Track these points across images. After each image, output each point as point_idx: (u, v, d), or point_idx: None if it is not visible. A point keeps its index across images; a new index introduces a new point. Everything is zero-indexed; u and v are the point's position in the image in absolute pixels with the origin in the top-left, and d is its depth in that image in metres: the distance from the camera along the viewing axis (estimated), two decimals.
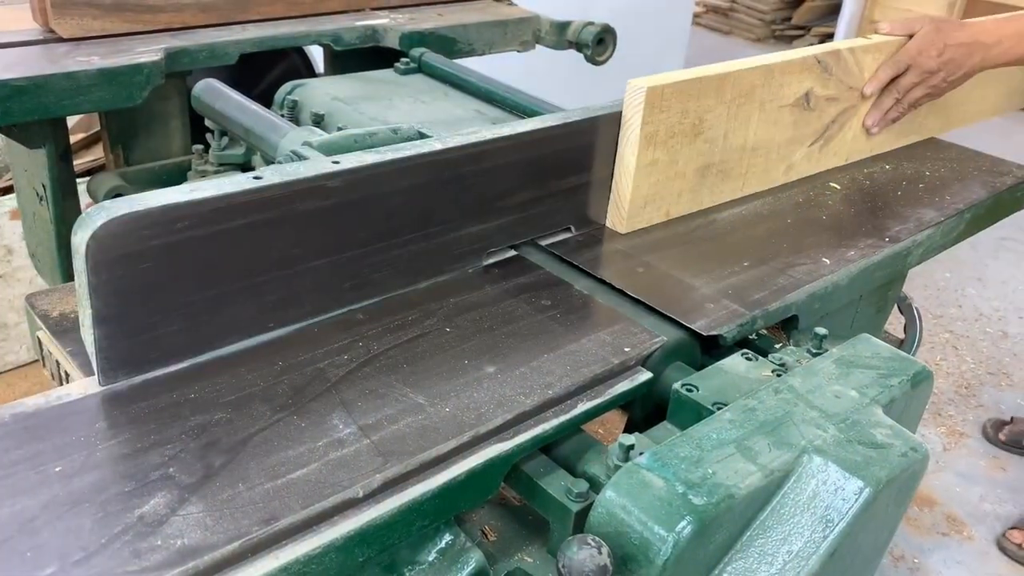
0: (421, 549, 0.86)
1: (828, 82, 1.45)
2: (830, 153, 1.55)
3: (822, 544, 0.80)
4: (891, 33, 1.57)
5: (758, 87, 1.33)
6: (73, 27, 1.54)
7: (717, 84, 1.27)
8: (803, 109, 1.43)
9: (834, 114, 1.50)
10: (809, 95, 1.42)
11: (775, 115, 1.39)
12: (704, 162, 1.32)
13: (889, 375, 0.96)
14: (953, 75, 1.55)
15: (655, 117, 1.21)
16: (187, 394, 0.88)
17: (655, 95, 1.19)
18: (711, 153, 1.32)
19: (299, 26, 1.75)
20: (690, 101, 1.24)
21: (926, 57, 1.53)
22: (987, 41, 1.53)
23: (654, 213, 1.30)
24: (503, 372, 0.95)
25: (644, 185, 1.26)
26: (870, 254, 1.29)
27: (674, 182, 1.30)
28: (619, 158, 1.24)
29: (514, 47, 2.02)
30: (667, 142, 1.25)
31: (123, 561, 0.68)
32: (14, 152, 1.69)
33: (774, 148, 1.42)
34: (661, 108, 1.21)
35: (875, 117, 1.59)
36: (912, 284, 1.75)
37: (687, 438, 0.84)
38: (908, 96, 1.57)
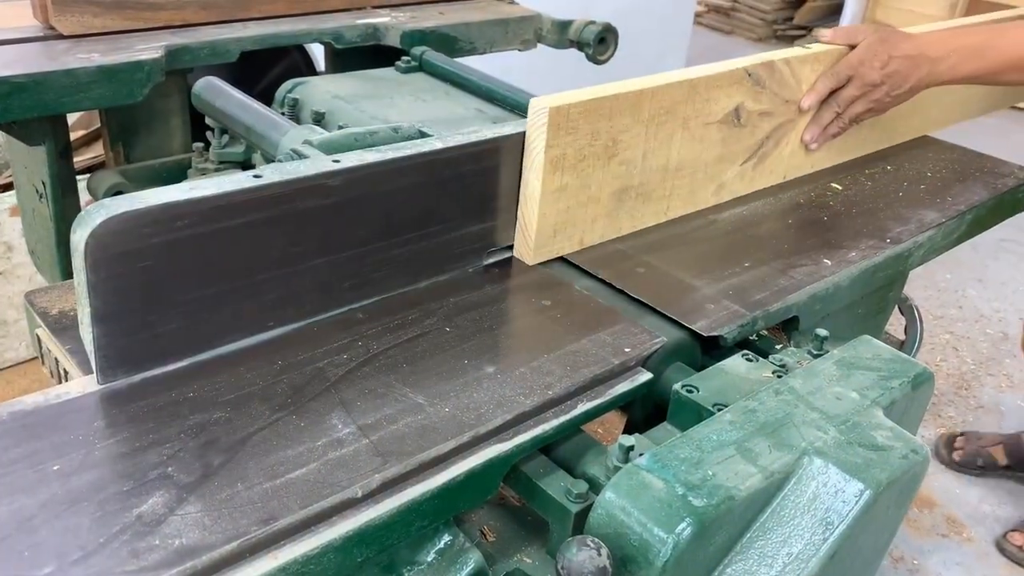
0: (420, 549, 0.86)
1: (761, 96, 1.34)
2: (766, 171, 1.45)
3: (822, 546, 0.80)
4: (832, 42, 1.46)
5: (680, 104, 1.22)
6: (73, 24, 1.53)
7: (633, 102, 1.16)
8: (733, 125, 1.32)
9: (768, 130, 1.40)
10: (739, 110, 1.32)
11: (701, 133, 1.28)
12: (621, 185, 1.21)
13: (890, 377, 0.96)
14: (897, 89, 1.43)
15: (561, 139, 1.10)
16: (186, 393, 0.88)
17: (560, 116, 1.09)
18: (629, 176, 1.22)
19: (300, 24, 1.75)
20: (601, 121, 1.14)
21: (869, 68, 1.41)
22: (933, 55, 1.41)
23: (565, 242, 1.19)
24: (503, 372, 0.95)
25: (552, 213, 1.15)
26: (871, 255, 1.29)
27: (587, 208, 1.19)
28: (524, 184, 1.14)
29: (515, 46, 2.02)
30: (577, 166, 1.14)
31: (121, 561, 0.68)
32: (14, 149, 1.69)
33: (701, 168, 1.32)
34: (568, 129, 1.11)
35: (814, 132, 1.48)
36: (913, 285, 1.75)
37: (687, 439, 0.84)
38: (849, 110, 1.46)
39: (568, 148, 1.12)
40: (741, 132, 1.35)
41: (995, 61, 1.43)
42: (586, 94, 1.12)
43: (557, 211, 1.16)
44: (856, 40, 1.44)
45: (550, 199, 1.14)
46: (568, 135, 1.11)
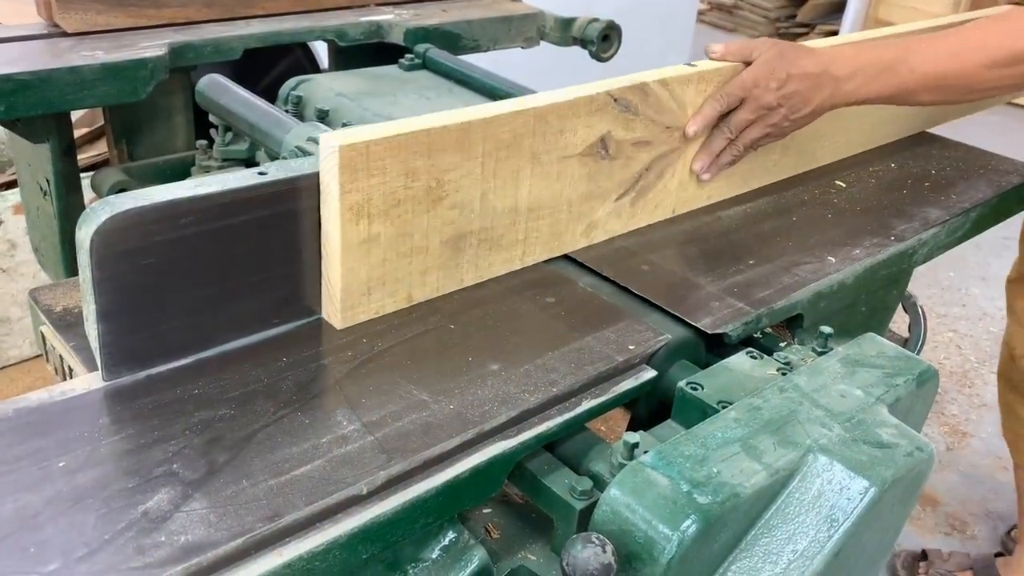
0: (425, 546, 0.86)
1: (633, 123, 1.18)
2: (649, 206, 1.28)
3: (827, 543, 0.80)
4: (723, 58, 1.28)
5: (525, 137, 1.06)
6: (77, 22, 1.53)
7: (459, 137, 1.00)
8: (601, 158, 1.16)
9: (647, 161, 1.23)
10: (607, 141, 1.15)
11: (558, 168, 1.12)
12: (456, 232, 1.04)
13: (894, 374, 0.96)
14: (797, 112, 1.25)
15: (362, 182, 0.94)
16: (191, 390, 0.88)
17: (356, 155, 0.92)
18: (465, 221, 1.05)
19: (304, 22, 1.75)
20: (418, 159, 0.97)
21: (763, 89, 1.23)
22: (839, 73, 1.24)
23: (387, 299, 1.02)
24: (507, 369, 0.95)
25: (362, 268, 0.98)
26: (875, 253, 1.29)
27: (413, 260, 1.02)
28: (324, 235, 0.97)
29: (519, 43, 2.01)
30: (390, 212, 0.97)
31: (127, 557, 0.68)
32: (18, 146, 1.69)
33: (563, 207, 1.15)
34: (371, 171, 0.94)
35: (704, 162, 1.30)
36: (916, 283, 1.75)
37: (692, 437, 0.84)
38: (743, 136, 1.28)
39: (374, 192, 0.95)
40: (612, 165, 1.18)
41: (907, 79, 1.26)
42: (394, 128, 0.96)
43: (370, 265, 0.98)
44: (751, 56, 1.27)
45: (356, 252, 0.97)
46: (372, 177, 0.94)
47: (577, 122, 1.11)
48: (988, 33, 1.27)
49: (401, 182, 0.97)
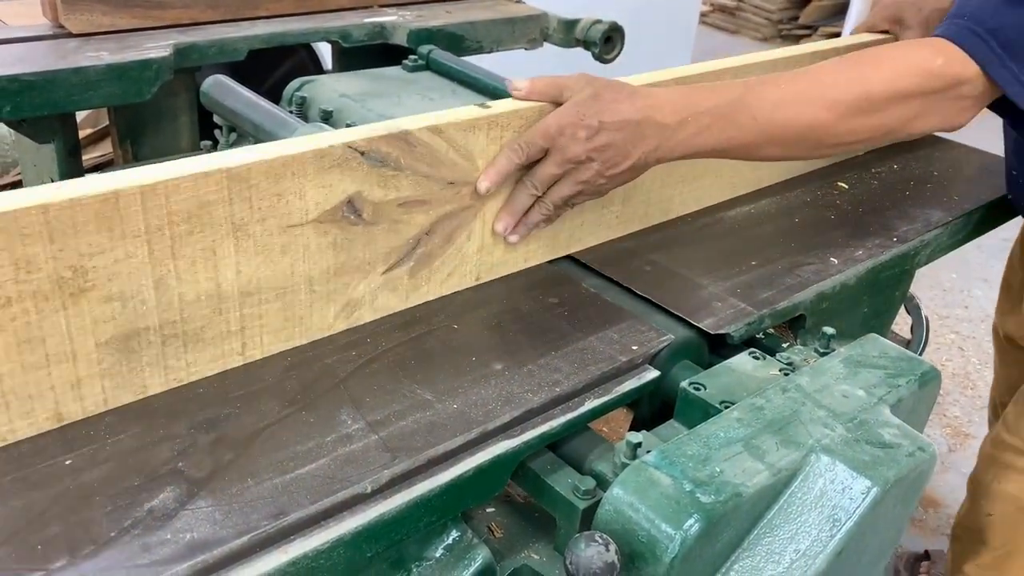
0: (428, 545, 0.87)
1: (397, 179, 0.96)
2: (438, 275, 1.06)
3: (829, 543, 0.80)
4: (528, 97, 1.06)
5: (219, 204, 0.84)
6: (82, 22, 1.54)
7: (101, 211, 0.77)
8: (351, 224, 0.94)
9: (425, 223, 1.01)
10: (357, 203, 0.94)
11: (281, 240, 0.90)
12: (121, 331, 0.83)
13: (897, 375, 0.96)
14: (614, 168, 1.03)
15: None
16: (196, 388, 0.88)
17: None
18: (133, 316, 0.83)
19: (308, 23, 1.75)
20: (36, 245, 0.75)
21: (570, 139, 1.01)
22: (666, 120, 1.02)
23: (18, 422, 0.80)
24: (510, 369, 0.95)
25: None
26: (878, 254, 1.29)
27: (52, 370, 0.80)
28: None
29: (522, 45, 2.02)
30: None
31: (132, 554, 0.69)
32: (23, 147, 1.69)
33: (300, 287, 0.94)
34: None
35: (507, 222, 1.08)
36: (918, 284, 1.75)
37: (695, 436, 0.85)
38: (552, 193, 1.06)
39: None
40: (371, 231, 0.97)
41: (747, 129, 1.05)
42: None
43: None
44: (561, 96, 1.05)
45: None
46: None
47: (304, 182, 0.89)
48: (840, 74, 1.09)
49: (10, 275, 0.74)
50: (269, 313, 0.93)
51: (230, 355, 0.92)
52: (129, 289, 0.82)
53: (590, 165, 1.03)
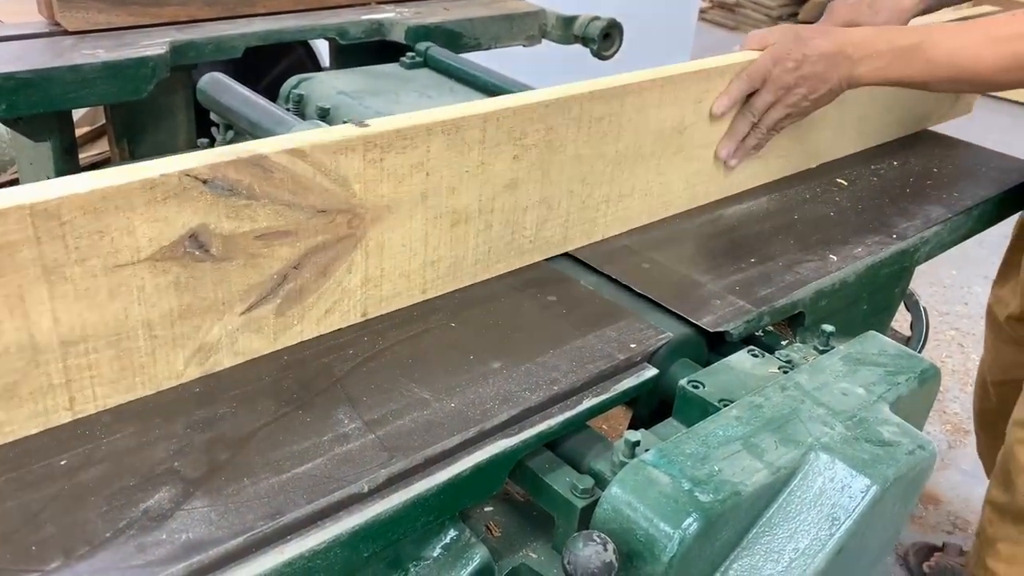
0: (426, 545, 0.86)
1: (251, 209, 0.85)
2: (317, 312, 0.96)
3: (828, 542, 0.80)
4: (746, 46, 1.33)
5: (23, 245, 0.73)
6: (78, 20, 1.53)
7: None
8: (197, 260, 0.84)
9: (293, 256, 0.90)
10: (203, 237, 0.83)
11: (108, 282, 0.79)
12: None
13: (896, 372, 0.96)
14: (816, 91, 1.29)
15: None
16: (192, 388, 0.88)
17: None
18: None
19: (305, 20, 1.75)
20: None
21: (782, 70, 1.27)
22: (853, 54, 1.27)
23: None
24: (508, 368, 0.95)
25: None
26: (877, 251, 1.29)
27: None
28: None
29: (520, 41, 2.01)
30: None
31: (128, 555, 0.68)
32: (20, 145, 1.69)
33: (137, 332, 0.82)
34: None
35: (729, 147, 1.33)
36: (918, 281, 1.75)
37: (693, 435, 0.84)
38: (766, 118, 1.31)
39: None
40: (223, 268, 0.86)
41: (923, 69, 1.28)
42: None
43: None
44: (768, 42, 1.31)
45: None
46: None
47: (132, 216, 0.78)
48: (1010, 28, 1.25)
49: None
50: (101, 363, 0.82)
51: (55, 411, 0.81)
52: None
53: (798, 90, 1.27)
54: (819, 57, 1.26)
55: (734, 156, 1.34)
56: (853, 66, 1.27)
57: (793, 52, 1.26)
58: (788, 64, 1.26)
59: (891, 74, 1.29)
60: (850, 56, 1.26)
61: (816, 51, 1.26)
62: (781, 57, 1.27)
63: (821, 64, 1.26)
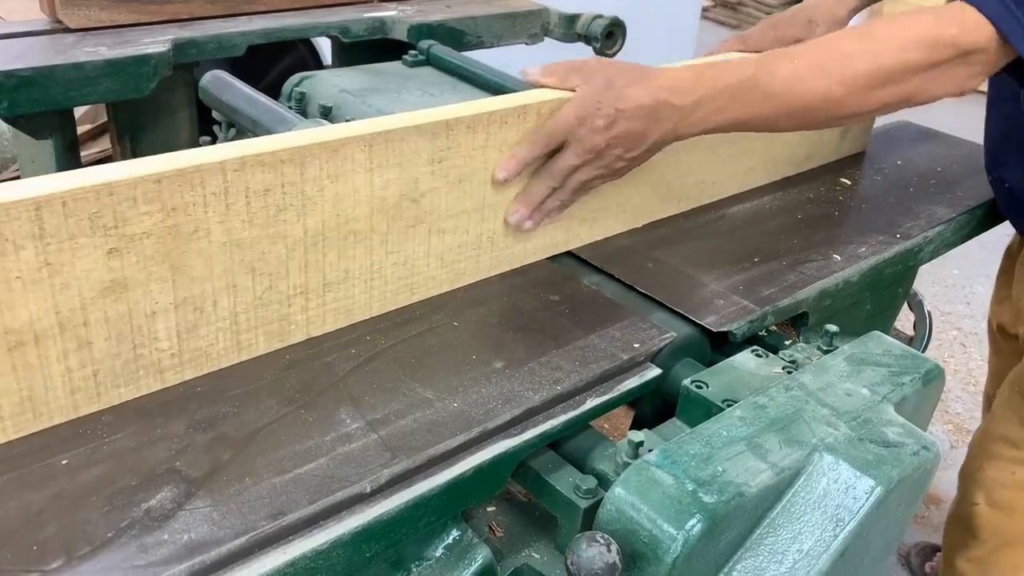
0: (428, 545, 0.86)
1: None
2: None
3: (832, 543, 0.80)
4: (539, 83, 1.08)
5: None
6: (80, 18, 1.53)
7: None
8: None
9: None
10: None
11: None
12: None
13: (900, 373, 0.96)
14: (633, 150, 1.06)
15: None
16: (194, 387, 0.88)
17: None
18: None
19: (307, 18, 1.75)
20: None
21: (589, 130, 1.03)
22: (680, 103, 1.03)
23: None
24: (511, 367, 0.94)
25: None
26: (881, 250, 1.28)
27: None
28: None
29: (523, 40, 2.01)
30: None
31: (130, 555, 0.68)
32: (21, 143, 1.69)
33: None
34: None
35: (522, 212, 1.09)
36: (921, 281, 1.74)
37: (697, 435, 0.84)
38: (570, 181, 1.08)
39: None
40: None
41: (762, 106, 1.06)
42: None
43: None
44: (571, 83, 1.06)
45: None
46: None
47: None
48: (851, 46, 1.07)
49: None
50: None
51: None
52: None
53: (610, 152, 1.06)
54: (636, 111, 1.02)
55: (530, 219, 1.10)
56: (681, 117, 1.05)
57: (604, 107, 1.02)
58: (598, 123, 1.02)
59: (727, 118, 1.07)
60: (675, 106, 1.04)
61: (632, 104, 1.02)
62: (589, 114, 1.03)
63: (638, 120, 1.03)
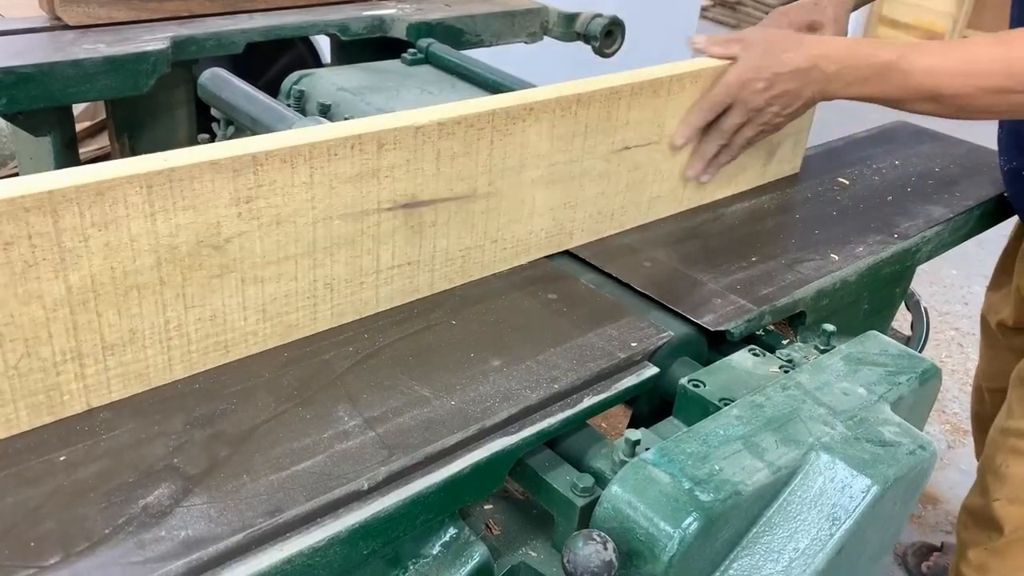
0: (425, 542, 0.86)
1: None
2: None
3: (829, 542, 0.80)
4: (707, 52, 1.24)
5: None
6: (79, 14, 1.53)
7: None
8: None
9: None
10: None
11: None
12: None
13: (897, 372, 0.96)
14: (790, 107, 1.22)
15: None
16: (192, 384, 0.88)
17: None
18: None
19: (306, 16, 1.75)
20: None
21: (751, 92, 1.20)
22: (828, 69, 1.19)
23: None
24: (509, 366, 0.95)
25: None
26: (879, 250, 1.28)
27: None
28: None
29: (522, 38, 2.01)
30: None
31: (127, 551, 0.68)
32: (20, 140, 1.69)
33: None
34: None
35: (697, 167, 1.28)
36: (918, 281, 1.74)
37: (694, 434, 0.84)
38: (737, 137, 1.26)
39: None
40: None
41: (899, 87, 1.19)
42: None
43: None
44: (732, 51, 1.22)
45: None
46: None
47: None
48: (991, 53, 1.16)
49: None
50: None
51: None
52: None
53: (769, 109, 1.21)
54: (792, 74, 1.19)
55: (705, 173, 1.29)
56: (827, 81, 1.20)
57: (762, 71, 1.19)
58: (758, 85, 1.19)
59: (866, 90, 1.20)
60: (824, 71, 1.19)
61: (789, 67, 1.19)
62: (750, 79, 1.19)
63: (794, 81, 1.19)
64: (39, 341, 0.77)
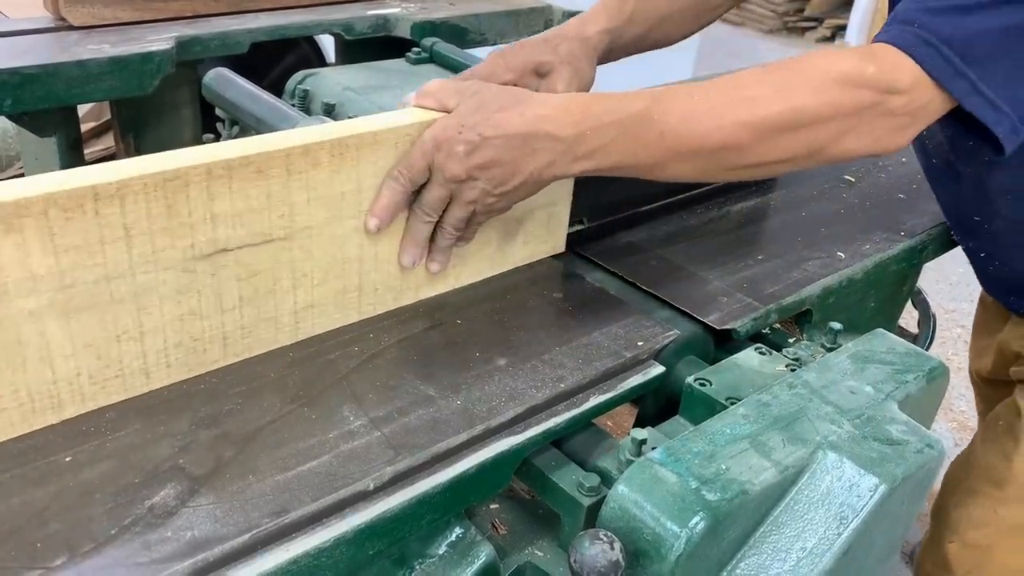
0: (431, 542, 0.86)
1: None
2: None
3: (836, 541, 0.80)
4: (419, 103, 0.95)
5: None
6: (84, 15, 1.53)
7: None
8: None
9: None
10: None
11: None
12: None
13: (904, 371, 0.95)
14: (502, 186, 0.91)
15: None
16: (197, 384, 0.88)
17: None
18: None
19: (310, 15, 1.75)
20: None
21: (447, 156, 0.89)
22: (561, 133, 0.89)
23: None
24: (514, 365, 0.94)
25: None
26: (885, 248, 1.28)
27: None
28: None
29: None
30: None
31: (133, 552, 0.68)
32: (25, 141, 1.69)
33: None
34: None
35: (412, 252, 0.97)
36: (925, 278, 1.74)
37: (700, 433, 0.84)
38: (447, 218, 0.95)
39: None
40: None
41: (655, 147, 0.90)
42: None
43: None
44: (448, 104, 0.93)
45: None
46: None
47: None
48: (760, 84, 0.91)
49: None
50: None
51: None
52: None
53: (474, 184, 0.90)
54: (504, 140, 0.88)
55: (432, 262, 1.00)
56: (563, 151, 0.90)
57: (466, 132, 0.88)
58: (457, 148, 0.88)
59: (613, 158, 0.91)
60: (555, 137, 0.89)
61: (499, 131, 0.88)
62: (448, 138, 0.89)
63: (507, 150, 0.89)
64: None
